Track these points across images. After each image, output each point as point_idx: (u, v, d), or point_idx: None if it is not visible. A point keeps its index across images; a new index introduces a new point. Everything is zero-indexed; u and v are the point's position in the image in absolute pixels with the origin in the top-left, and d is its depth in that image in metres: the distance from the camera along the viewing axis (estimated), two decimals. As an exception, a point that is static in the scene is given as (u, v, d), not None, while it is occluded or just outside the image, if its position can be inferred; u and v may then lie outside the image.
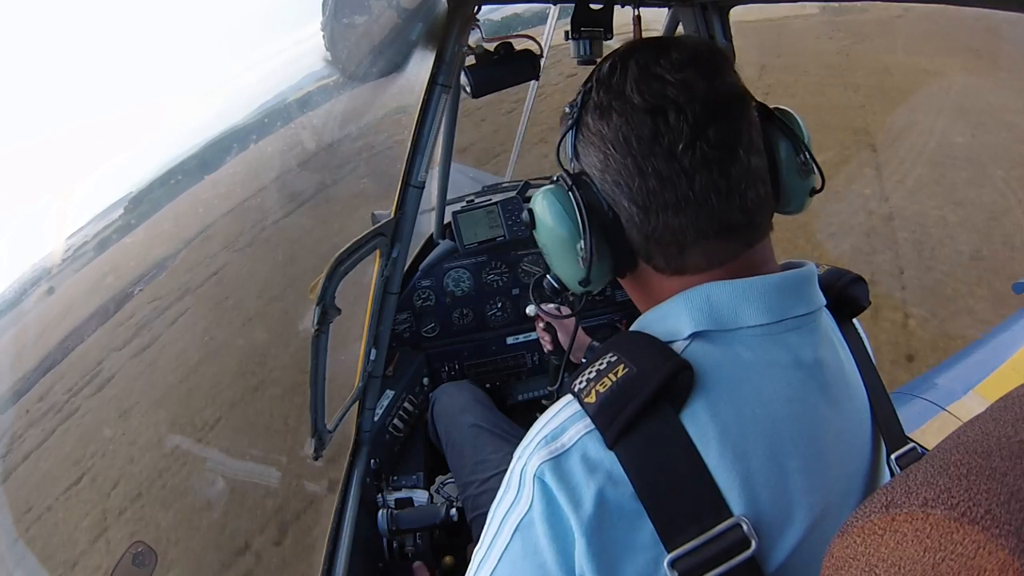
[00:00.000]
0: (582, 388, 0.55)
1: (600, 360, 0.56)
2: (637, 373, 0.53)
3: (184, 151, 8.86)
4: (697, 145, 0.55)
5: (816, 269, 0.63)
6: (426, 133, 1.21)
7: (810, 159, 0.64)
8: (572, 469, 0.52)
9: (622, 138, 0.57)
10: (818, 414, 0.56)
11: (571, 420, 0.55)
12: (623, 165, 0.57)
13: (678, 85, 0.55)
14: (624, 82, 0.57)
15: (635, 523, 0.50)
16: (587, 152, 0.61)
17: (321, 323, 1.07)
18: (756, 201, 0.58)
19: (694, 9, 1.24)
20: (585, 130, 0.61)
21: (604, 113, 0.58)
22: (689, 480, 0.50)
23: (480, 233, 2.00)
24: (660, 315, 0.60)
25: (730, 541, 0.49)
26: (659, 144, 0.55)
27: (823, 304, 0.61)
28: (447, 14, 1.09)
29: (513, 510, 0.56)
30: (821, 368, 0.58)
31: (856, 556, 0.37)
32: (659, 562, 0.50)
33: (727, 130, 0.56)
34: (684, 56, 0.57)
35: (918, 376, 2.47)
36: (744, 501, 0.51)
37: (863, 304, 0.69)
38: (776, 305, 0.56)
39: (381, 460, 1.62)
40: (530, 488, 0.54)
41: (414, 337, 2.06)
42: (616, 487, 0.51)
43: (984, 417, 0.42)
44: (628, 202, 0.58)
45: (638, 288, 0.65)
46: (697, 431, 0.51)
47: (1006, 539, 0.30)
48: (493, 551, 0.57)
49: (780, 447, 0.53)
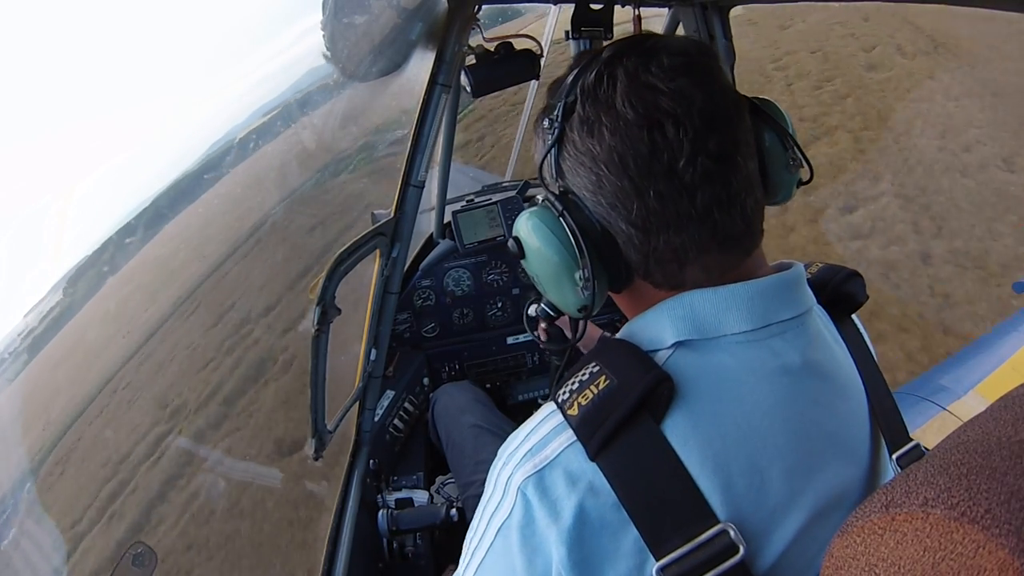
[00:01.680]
0: (565, 400, 0.55)
1: (583, 371, 0.56)
2: (618, 385, 0.53)
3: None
4: (698, 160, 0.52)
5: (805, 270, 0.63)
6: (426, 133, 1.21)
7: (799, 153, 0.63)
8: (554, 483, 0.53)
9: (616, 158, 0.53)
10: (806, 418, 0.56)
11: (554, 432, 0.55)
12: (619, 188, 0.54)
13: (673, 95, 0.52)
14: (613, 94, 0.53)
15: (617, 532, 0.51)
16: (575, 172, 0.57)
17: (321, 323, 1.07)
18: (753, 207, 0.57)
19: (694, 9, 1.24)
20: (571, 147, 0.57)
21: (593, 130, 0.54)
22: (673, 488, 0.50)
23: (480, 233, 2.00)
24: (644, 323, 0.59)
25: (717, 547, 0.49)
26: (658, 161, 0.52)
27: (811, 305, 0.61)
28: (447, 14, 1.09)
29: (497, 512, 0.56)
30: (811, 371, 0.57)
31: (856, 556, 0.37)
32: (643, 569, 0.50)
33: (727, 140, 0.54)
34: (675, 61, 0.53)
35: (918, 376, 2.47)
36: (728, 508, 0.51)
37: (860, 300, 0.69)
38: (760, 311, 0.56)
39: (381, 460, 1.62)
40: (512, 498, 0.54)
41: (414, 337, 2.06)
42: (597, 498, 0.51)
43: (984, 417, 0.42)
44: (626, 224, 0.56)
45: (628, 300, 0.64)
46: (678, 440, 0.52)
47: (1006, 538, 0.30)
48: (480, 548, 0.58)
49: (762, 453, 0.53)
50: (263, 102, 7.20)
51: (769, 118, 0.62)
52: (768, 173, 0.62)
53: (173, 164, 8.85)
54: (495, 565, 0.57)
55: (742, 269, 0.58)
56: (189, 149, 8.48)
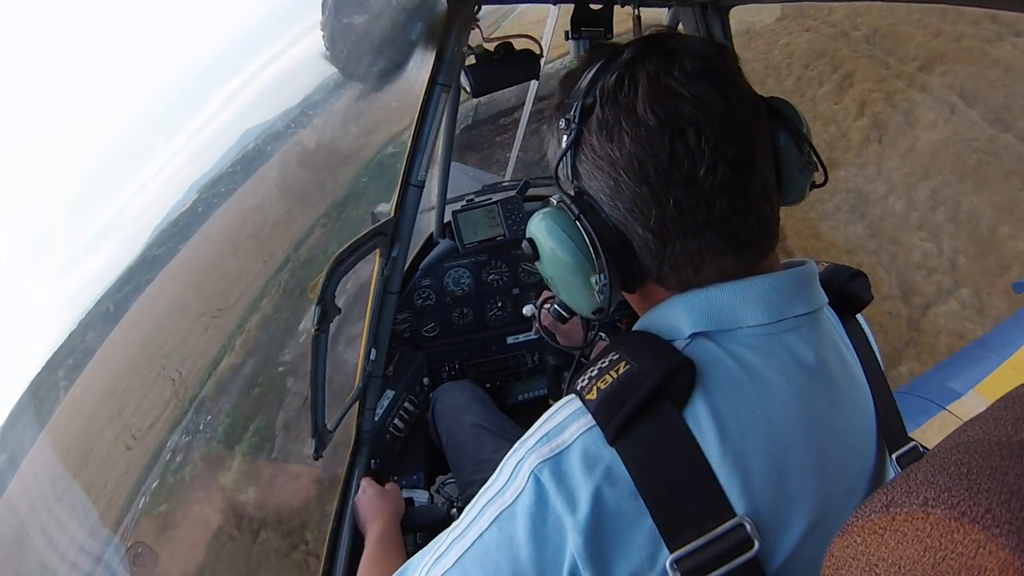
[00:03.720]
0: (584, 386, 0.55)
1: (603, 359, 0.56)
2: (638, 369, 0.52)
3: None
4: (718, 169, 0.52)
5: (816, 267, 0.63)
6: (426, 133, 1.22)
7: (814, 156, 0.63)
8: (571, 468, 0.52)
9: (636, 164, 0.53)
10: (819, 415, 0.56)
11: (572, 417, 0.55)
12: (637, 194, 0.54)
13: (694, 101, 0.52)
14: (634, 98, 0.53)
15: (633, 522, 0.50)
16: (592, 175, 0.57)
17: (321, 323, 1.07)
18: (769, 212, 0.58)
19: (694, 9, 1.24)
20: (588, 151, 0.56)
21: (612, 134, 0.54)
22: (692, 479, 0.50)
23: (480, 232, 1.99)
24: (661, 315, 0.59)
25: (733, 541, 0.49)
26: (678, 170, 0.52)
27: (824, 303, 0.61)
28: (447, 14, 1.09)
29: (497, 499, 0.55)
30: (823, 369, 0.57)
31: (856, 556, 0.37)
32: (655, 559, 0.50)
33: (745, 147, 0.54)
34: (696, 65, 0.53)
35: (918, 375, 2.47)
36: (745, 501, 0.50)
37: (865, 299, 0.69)
38: (776, 305, 0.56)
39: (382, 460, 1.62)
40: (521, 482, 0.53)
41: (414, 337, 2.06)
42: (614, 486, 0.51)
43: (984, 417, 0.42)
44: (642, 229, 0.55)
45: (640, 299, 0.64)
46: (698, 429, 0.51)
47: (1006, 538, 0.30)
48: (468, 535, 0.57)
49: (780, 448, 0.53)
50: (196, 177, 6.34)
51: (785, 120, 0.62)
52: (782, 174, 0.62)
53: (117, 261, 7.40)
54: (483, 556, 0.55)
55: (757, 271, 0.58)
56: (132, 239, 7.23)
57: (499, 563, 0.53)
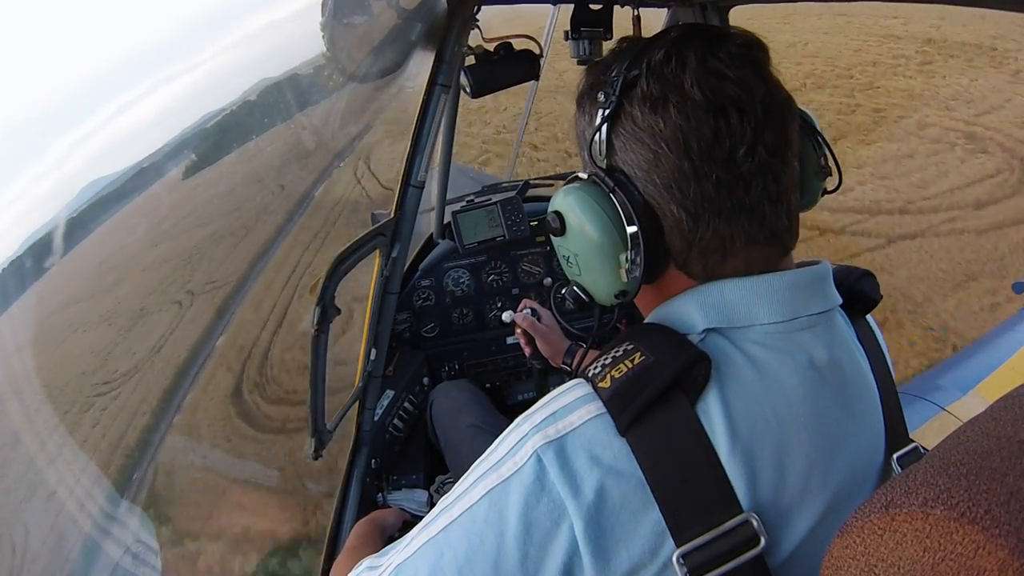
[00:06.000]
0: (597, 373, 0.54)
1: (617, 348, 0.56)
2: (654, 361, 0.52)
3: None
4: (757, 151, 0.53)
5: (830, 267, 0.63)
6: (426, 133, 1.22)
7: (833, 161, 0.64)
8: (575, 453, 0.51)
9: (681, 137, 0.53)
10: (829, 416, 0.56)
11: (581, 401, 0.54)
12: (677, 168, 0.54)
13: (739, 83, 0.53)
14: (682, 74, 0.53)
15: (638, 512, 0.50)
16: (630, 148, 0.56)
17: (321, 323, 1.07)
18: (795, 206, 0.58)
19: (694, 9, 1.24)
20: (629, 123, 0.55)
21: (658, 106, 0.53)
22: (702, 473, 0.50)
23: (480, 233, 1.99)
24: (673, 309, 0.59)
25: (740, 537, 0.49)
26: (720, 147, 0.52)
27: (839, 303, 0.61)
28: (447, 14, 1.09)
29: (492, 473, 0.54)
30: (835, 368, 0.57)
31: (856, 556, 0.37)
32: (657, 553, 0.50)
33: (782, 135, 0.55)
34: (740, 51, 0.54)
35: (918, 376, 2.47)
36: (751, 497, 0.50)
37: (874, 299, 0.69)
38: (790, 303, 0.56)
39: (381, 460, 1.62)
40: (521, 459, 0.53)
41: (414, 337, 2.06)
42: (620, 476, 0.50)
43: (984, 417, 0.42)
44: (677, 207, 0.55)
45: (653, 292, 0.63)
46: (709, 424, 0.51)
47: (1006, 539, 0.30)
48: (457, 506, 0.55)
49: (786, 446, 0.53)
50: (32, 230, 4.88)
51: (805, 123, 0.63)
52: (800, 176, 0.62)
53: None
54: (470, 527, 0.53)
55: (779, 266, 0.58)
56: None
57: (484, 538, 0.52)
